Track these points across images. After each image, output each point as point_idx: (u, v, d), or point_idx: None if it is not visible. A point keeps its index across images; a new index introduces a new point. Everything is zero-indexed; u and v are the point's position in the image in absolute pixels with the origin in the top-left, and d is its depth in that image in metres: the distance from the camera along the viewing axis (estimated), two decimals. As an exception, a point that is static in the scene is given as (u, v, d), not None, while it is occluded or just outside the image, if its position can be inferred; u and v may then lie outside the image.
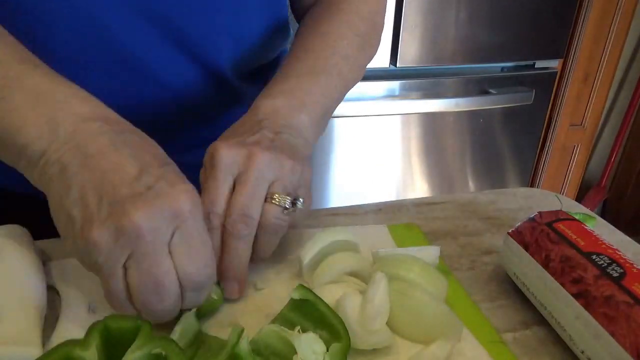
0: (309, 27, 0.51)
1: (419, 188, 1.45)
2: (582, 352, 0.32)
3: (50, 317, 0.36)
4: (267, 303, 0.38)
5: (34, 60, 0.36)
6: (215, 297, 0.37)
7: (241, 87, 0.54)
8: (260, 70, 0.57)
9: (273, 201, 0.37)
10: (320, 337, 0.31)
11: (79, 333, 0.34)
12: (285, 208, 0.38)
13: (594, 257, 0.34)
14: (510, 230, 0.40)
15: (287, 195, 0.38)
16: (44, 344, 0.33)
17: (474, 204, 0.54)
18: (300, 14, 0.56)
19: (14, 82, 0.34)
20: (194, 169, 0.39)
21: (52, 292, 0.39)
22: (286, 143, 0.39)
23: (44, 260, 0.41)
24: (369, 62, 0.54)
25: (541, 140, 1.56)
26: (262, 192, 0.37)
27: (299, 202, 0.39)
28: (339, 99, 0.49)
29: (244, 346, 0.29)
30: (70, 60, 0.43)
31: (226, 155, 0.37)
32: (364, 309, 0.34)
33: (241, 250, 0.37)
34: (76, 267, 0.40)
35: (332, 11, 0.51)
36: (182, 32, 0.46)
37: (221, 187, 0.36)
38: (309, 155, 0.42)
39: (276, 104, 0.42)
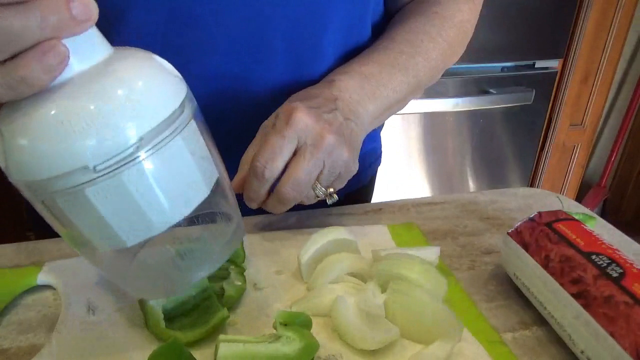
0: (401, 22, 0.52)
1: (419, 188, 1.45)
2: (582, 352, 0.32)
3: (51, 317, 0.36)
4: (267, 303, 0.38)
5: None
6: (239, 283, 0.37)
7: None
8: None
9: (315, 189, 0.41)
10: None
11: (78, 333, 0.34)
12: (317, 196, 0.41)
13: (593, 257, 0.34)
14: (510, 230, 0.40)
15: (328, 187, 0.41)
16: (42, 345, 0.33)
17: (474, 204, 0.54)
18: (394, 13, 0.56)
19: None
20: None
21: (52, 292, 0.39)
22: (351, 132, 0.42)
23: (44, 261, 0.41)
24: (448, 67, 0.54)
25: (541, 140, 1.56)
26: (316, 173, 0.40)
27: (331, 200, 0.42)
28: (407, 98, 0.50)
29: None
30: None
31: (304, 121, 0.39)
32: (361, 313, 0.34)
33: (280, 211, 0.42)
34: (76, 267, 0.40)
35: (426, 12, 0.51)
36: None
37: (286, 147, 0.39)
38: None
39: (351, 84, 0.44)
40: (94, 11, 0.24)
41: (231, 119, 0.48)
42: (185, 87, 0.30)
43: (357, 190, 0.63)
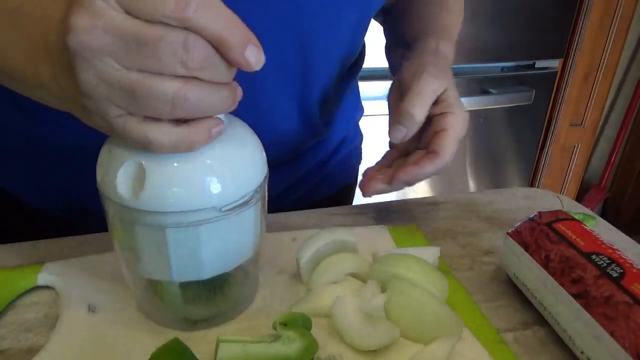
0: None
1: (419, 188, 1.45)
2: (582, 353, 0.32)
3: (51, 317, 0.36)
4: (268, 303, 0.38)
5: None
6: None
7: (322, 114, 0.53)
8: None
9: None
10: None
11: (78, 333, 0.34)
12: None
13: (593, 257, 0.34)
14: (510, 231, 0.40)
15: None
16: (42, 345, 0.33)
17: (474, 204, 0.54)
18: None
19: None
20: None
21: (52, 292, 0.39)
22: None
23: (44, 261, 0.41)
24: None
25: (541, 140, 1.56)
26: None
27: None
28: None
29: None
30: None
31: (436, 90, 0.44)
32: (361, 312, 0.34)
33: None
34: (76, 267, 0.40)
35: None
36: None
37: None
38: None
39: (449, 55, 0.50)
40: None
41: None
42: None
43: (341, 192, 0.64)
